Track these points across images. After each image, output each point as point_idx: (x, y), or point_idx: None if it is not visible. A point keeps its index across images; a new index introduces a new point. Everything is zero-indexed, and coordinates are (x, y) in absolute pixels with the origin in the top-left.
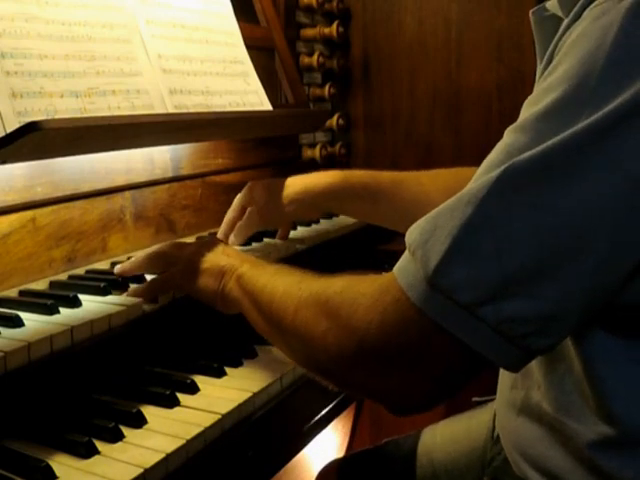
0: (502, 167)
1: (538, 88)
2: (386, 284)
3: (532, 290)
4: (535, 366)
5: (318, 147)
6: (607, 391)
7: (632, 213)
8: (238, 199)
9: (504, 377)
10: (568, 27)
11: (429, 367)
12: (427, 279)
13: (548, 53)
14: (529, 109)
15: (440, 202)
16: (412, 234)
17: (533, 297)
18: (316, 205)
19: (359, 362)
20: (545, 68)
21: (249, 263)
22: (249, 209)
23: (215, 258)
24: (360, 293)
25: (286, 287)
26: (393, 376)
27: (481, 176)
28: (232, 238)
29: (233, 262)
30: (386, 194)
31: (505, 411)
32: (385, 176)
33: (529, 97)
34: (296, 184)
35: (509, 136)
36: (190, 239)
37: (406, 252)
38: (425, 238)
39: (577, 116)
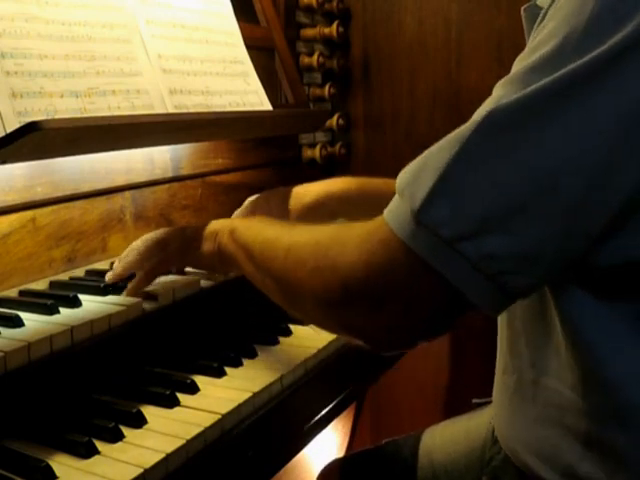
0: (486, 110)
1: (528, 46)
2: (375, 226)
3: (510, 227)
4: (524, 344)
5: (318, 147)
6: (599, 358)
7: (612, 156)
8: (249, 208)
9: (499, 364)
10: None
11: (413, 305)
12: (413, 215)
13: (538, 21)
14: (519, 64)
15: None
16: (402, 177)
17: (511, 234)
18: (334, 211)
19: (345, 301)
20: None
21: (241, 220)
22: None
23: (208, 226)
24: (349, 236)
25: (277, 234)
26: (377, 314)
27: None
28: None
29: (224, 222)
30: None
31: (499, 398)
32: None
33: (520, 55)
34: (314, 190)
35: (497, 90)
36: None
37: (396, 195)
38: (413, 178)
39: (562, 65)
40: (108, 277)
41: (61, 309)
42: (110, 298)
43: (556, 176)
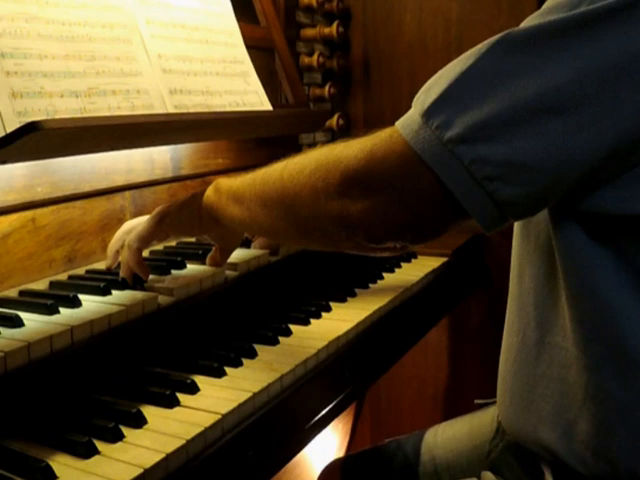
0: (505, 32)
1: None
2: (383, 130)
3: (505, 136)
4: (532, 304)
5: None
6: (604, 310)
7: (606, 97)
8: None
9: (506, 327)
10: None
11: (407, 196)
12: (420, 115)
13: None
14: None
15: None
16: (419, 92)
17: (505, 143)
18: None
19: (344, 186)
20: None
21: (223, 177)
22: None
23: (186, 195)
24: (355, 140)
25: (268, 168)
26: (374, 199)
27: None
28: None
29: (207, 186)
30: None
31: (503, 366)
32: None
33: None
34: None
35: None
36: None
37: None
38: (428, 87)
39: (578, 6)
40: (107, 265)
41: (61, 309)
42: (110, 298)
43: (557, 99)
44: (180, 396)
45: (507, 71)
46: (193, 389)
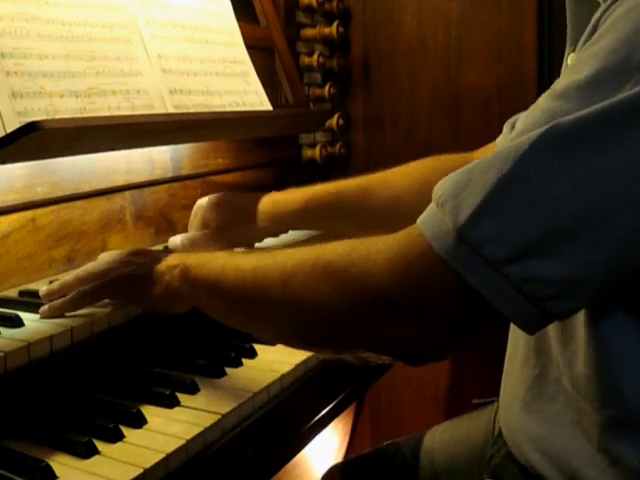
0: (545, 127)
1: (579, 57)
2: (406, 238)
3: (559, 252)
4: (553, 344)
5: (318, 147)
6: (620, 372)
7: None
8: (203, 216)
9: (516, 357)
10: (613, 3)
11: (450, 318)
12: (456, 231)
13: (588, 28)
14: (569, 77)
15: (412, 202)
16: (442, 187)
17: (559, 259)
18: (285, 225)
19: (377, 314)
20: (583, 44)
21: (189, 256)
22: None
23: (152, 268)
24: (372, 251)
25: (258, 263)
26: (413, 327)
27: (520, 136)
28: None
29: (170, 262)
30: (351, 209)
31: (512, 390)
32: (350, 187)
33: (568, 66)
34: (298, 197)
35: (548, 102)
36: None
37: (432, 205)
38: (457, 191)
39: (624, 84)
40: (42, 291)
41: None
42: None
43: (612, 202)
44: (180, 396)
45: (553, 176)
46: (193, 389)
